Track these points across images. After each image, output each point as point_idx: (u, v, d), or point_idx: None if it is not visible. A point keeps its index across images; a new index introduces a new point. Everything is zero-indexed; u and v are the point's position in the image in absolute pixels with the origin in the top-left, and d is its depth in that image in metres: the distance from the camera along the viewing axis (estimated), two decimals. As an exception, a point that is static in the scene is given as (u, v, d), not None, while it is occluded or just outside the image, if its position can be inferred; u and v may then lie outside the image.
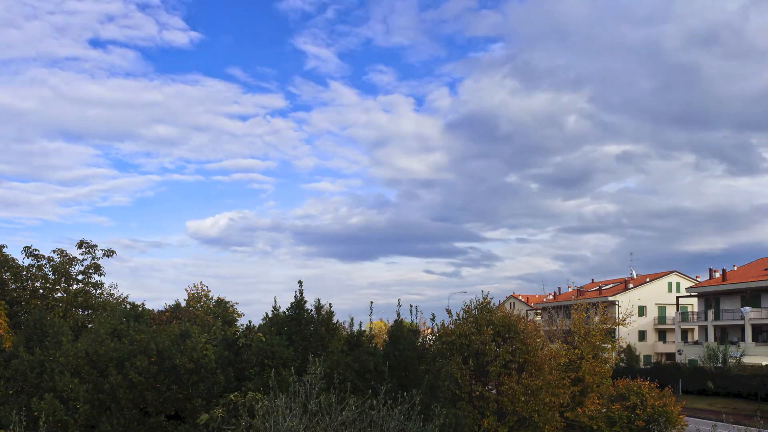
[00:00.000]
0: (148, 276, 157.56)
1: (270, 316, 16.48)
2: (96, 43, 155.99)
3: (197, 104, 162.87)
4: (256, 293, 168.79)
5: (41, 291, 28.39)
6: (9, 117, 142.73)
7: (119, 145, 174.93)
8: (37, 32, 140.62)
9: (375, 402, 9.83)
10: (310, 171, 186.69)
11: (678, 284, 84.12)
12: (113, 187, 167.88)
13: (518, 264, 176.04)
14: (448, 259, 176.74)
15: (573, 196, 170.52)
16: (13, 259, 28.48)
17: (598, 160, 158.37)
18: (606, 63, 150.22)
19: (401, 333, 15.15)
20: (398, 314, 15.89)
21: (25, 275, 28.34)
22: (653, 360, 75.84)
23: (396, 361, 14.67)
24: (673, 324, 78.37)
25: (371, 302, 16.55)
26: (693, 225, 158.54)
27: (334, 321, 16.79)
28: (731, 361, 57.79)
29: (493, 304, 22.77)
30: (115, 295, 32.68)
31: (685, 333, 76.74)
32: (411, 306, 16.72)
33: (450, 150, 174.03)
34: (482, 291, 23.03)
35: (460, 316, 22.45)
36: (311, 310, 15.91)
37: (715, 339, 66.32)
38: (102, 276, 29.50)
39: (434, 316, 18.86)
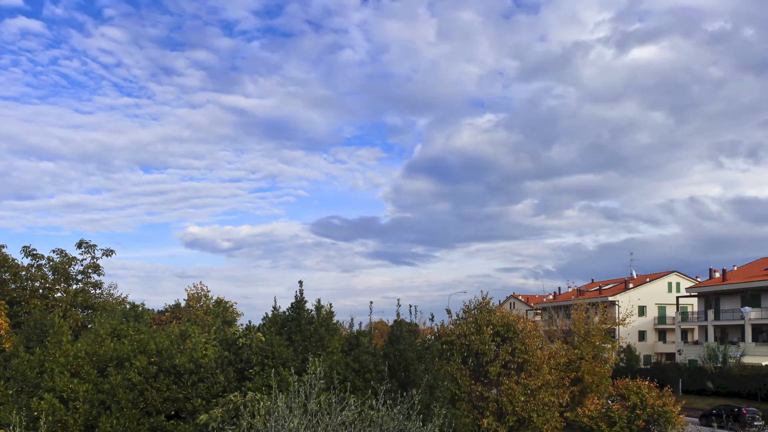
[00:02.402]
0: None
1: (270, 316, 16.48)
2: None
3: None
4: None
5: (41, 291, 28.38)
6: None
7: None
8: None
9: (375, 402, 9.84)
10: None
11: (678, 284, 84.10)
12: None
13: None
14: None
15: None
16: (13, 259, 28.49)
17: None
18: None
19: (401, 333, 15.16)
20: (398, 314, 15.92)
21: (24, 275, 28.34)
22: (653, 360, 75.81)
23: (395, 361, 14.68)
24: (673, 324, 78.35)
25: (371, 302, 16.58)
26: None
27: (335, 321, 16.81)
28: (731, 361, 57.78)
29: (493, 304, 22.78)
30: (115, 295, 32.72)
31: (685, 333, 76.72)
32: (410, 306, 16.76)
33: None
34: (481, 291, 23.06)
35: (460, 316, 22.47)
36: (311, 310, 15.92)
37: (715, 339, 66.31)
38: (101, 276, 29.52)
39: (433, 316, 18.89)
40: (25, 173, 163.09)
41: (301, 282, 15.78)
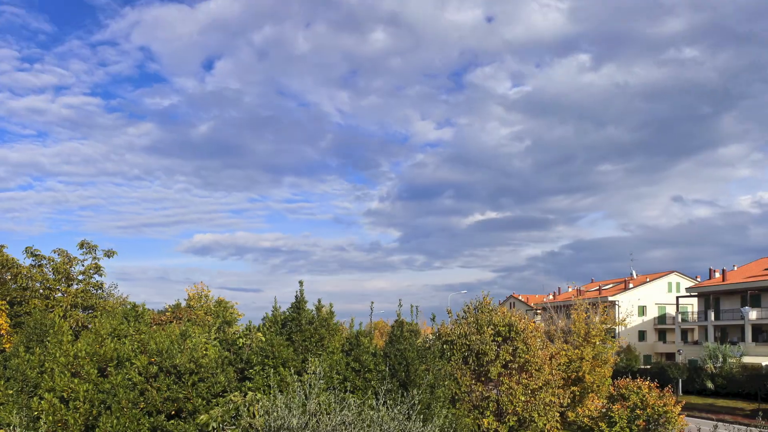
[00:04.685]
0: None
1: (270, 316, 16.48)
2: None
3: None
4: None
5: (41, 291, 28.37)
6: None
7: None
8: None
9: (375, 402, 9.84)
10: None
11: (678, 284, 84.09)
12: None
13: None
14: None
15: None
16: (14, 260, 28.48)
17: None
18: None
19: (401, 333, 15.17)
20: (398, 314, 15.91)
21: (25, 275, 28.33)
22: (653, 360, 75.78)
23: (396, 360, 14.68)
24: (673, 324, 78.32)
25: (372, 302, 16.59)
26: None
27: (335, 321, 16.80)
28: (731, 361, 57.75)
29: (493, 304, 22.77)
30: (116, 296, 32.69)
31: (685, 333, 76.69)
32: (411, 306, 16.77)
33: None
34: (482, 291, 23.04)
35: (461, 316, 22.46)
36: (312, 310, 15.92)
37: (715, 339, 66.28)
38: (103, 276, 29.51)
39: (434, 317, 18.87)
40: None
41: (301, 282, 15.80)
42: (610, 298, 79.57)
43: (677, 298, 78.18)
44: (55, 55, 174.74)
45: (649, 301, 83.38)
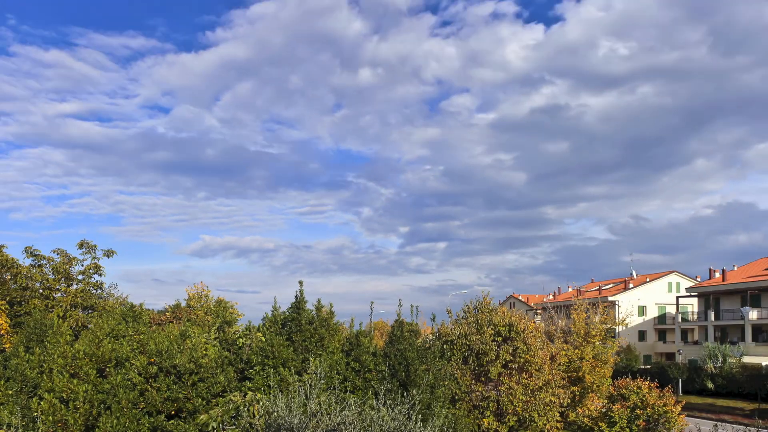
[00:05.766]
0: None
1: (270, 316, 16.46)
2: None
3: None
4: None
5: (41, 291, 28.35)
6: None
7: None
8: None
9: (375, 402, 9.83)
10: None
11: (678, 284, 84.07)
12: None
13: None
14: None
15: None
16: (14, 259, 28.46)
17: None
18: None
19: (401, 333, 15.15)
20: (398, 314, 15.89)
21: (25, 275, 28.31)
22: (653, 360, 75.77)
23: (396, 360, 14.67)
24: (673, 324, 78.31)
25: (371, 302, 16.57)
26: None
27: (335, 321, 16.78)
28: (731, 361, 57.74)
29: (493, 304, 22.76)
30: (115, 296, 32.68)
31: (685, 333, 76.67)
32: (411, 306, 16.75)
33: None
34: (482, 291, 23.01)
35: (461, 316, 22.44)
36: (312, 310, 15.90)
37: (715, 339, 66.27)
38: (102, 276, 29.48)
39: (434, 317, 18.86)
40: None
41: (301, 282, 15.78)
42: (610, 298, 79.56)
43: (677, 298, 78.16)
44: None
45: (649, 301, 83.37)
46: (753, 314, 62.63)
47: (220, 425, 12.84)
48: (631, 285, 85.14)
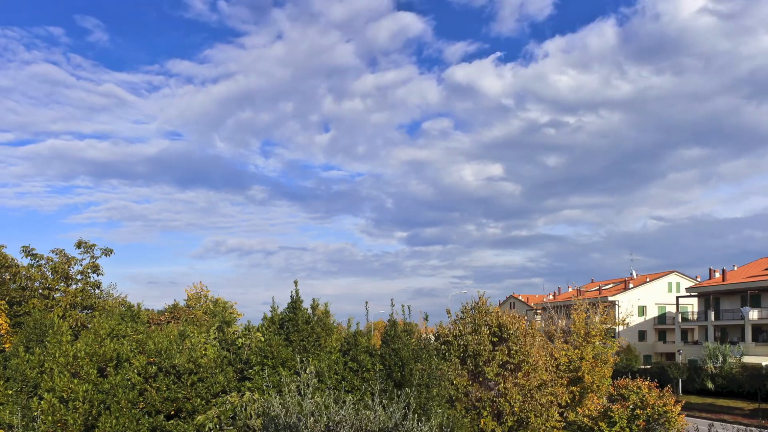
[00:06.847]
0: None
1: (269, 316, 16.48)
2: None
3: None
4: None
5: (40, 291, 28.37)
6: None
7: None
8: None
9: (371, 401, 9.85)
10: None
11: (678, 284, 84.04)
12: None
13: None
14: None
15: None
16: (13, 259, 28.48)
17: None
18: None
19: (395, 333, 15.22)
20: (391, 315, 15.98)
21: (24, 275, 28.33)
22: (653, 360, 75.77)
23: (391, 360, 14.71)
24: (673, 324, 78.29)
25: (366, 302, 16.58)
26: None
27: (332, 321, 16.81)
28: (731, 361, 57.73)
29: (490, 303, 22.74)
30: (114, 295, 32.70)
31: (685, 333, 76.64)
32: (403, 306, 16.82)
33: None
34: (478, 291, 22.94)
35: (458, 316, 22.45)
36: (308, 310, 15.93)
37: (715, 339, 66.25)
38: (101, 276, 29.49)
39: (427, 317, 18.91)
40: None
41: (296, 282, 15.80)
42: (610, 298, 79.54)
43: (677, 298, 78.14)
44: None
45: (649, 301, 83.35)
46: (753, 314, 62.61)
47: (217, 425, 12.86)
48: (631, 285, 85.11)
